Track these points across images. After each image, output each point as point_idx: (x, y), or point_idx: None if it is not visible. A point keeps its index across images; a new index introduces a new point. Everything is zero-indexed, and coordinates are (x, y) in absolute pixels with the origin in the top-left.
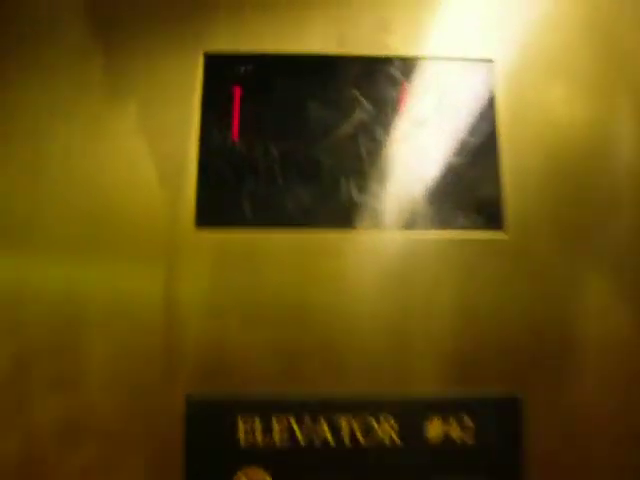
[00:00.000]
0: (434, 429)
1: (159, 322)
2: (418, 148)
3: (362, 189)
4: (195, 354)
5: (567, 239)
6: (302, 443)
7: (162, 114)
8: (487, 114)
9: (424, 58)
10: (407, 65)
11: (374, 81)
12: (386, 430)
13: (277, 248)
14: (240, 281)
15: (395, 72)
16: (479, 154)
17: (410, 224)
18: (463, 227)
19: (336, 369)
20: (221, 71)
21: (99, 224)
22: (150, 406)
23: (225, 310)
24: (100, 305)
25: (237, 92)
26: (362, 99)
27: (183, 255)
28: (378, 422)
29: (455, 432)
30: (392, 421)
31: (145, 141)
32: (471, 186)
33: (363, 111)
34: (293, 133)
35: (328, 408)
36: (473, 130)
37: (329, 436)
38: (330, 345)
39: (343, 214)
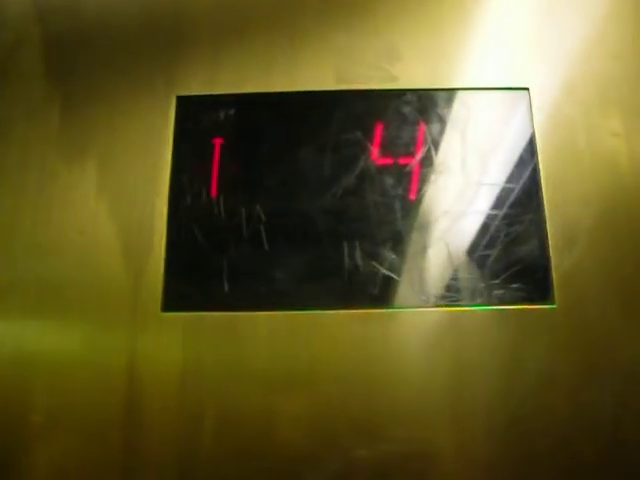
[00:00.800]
0: None
1: (118, 425)
2: (442, 202)
3: (371, 256)
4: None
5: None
6: None
7: (126, 172)
8: (526, 153)
9: (444, 90)
10: (423, 100)
11: (383, 120)
12: None
13: (262, 332)
14: (215, 380)
15: (409, 109)
16: (519, 205)
17: (437, 299)
18: (505, 301)
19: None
20: (197, 117)
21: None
22: None
23: (196, 412)
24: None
25: (216, 142)
26: (368, 144)
27: (147, 346)
28: None
29: None
30: None
31: (106, 206)
32: (512, 249)
33: (369, 159)
34: (284, 186)
35: None
36: (509, 176)
37: None
38: (334, 450)
39: (345, 290)
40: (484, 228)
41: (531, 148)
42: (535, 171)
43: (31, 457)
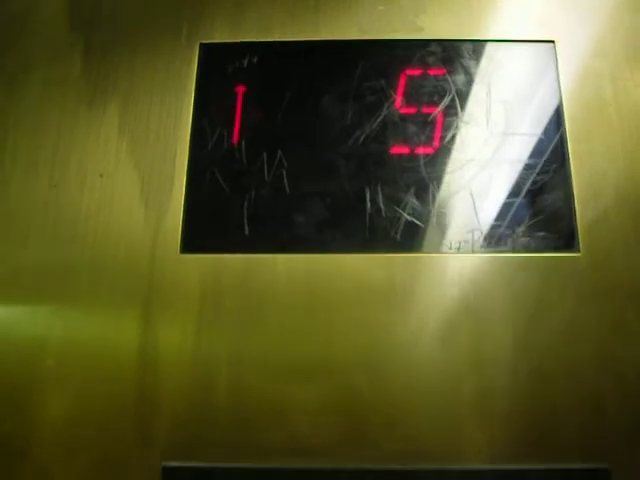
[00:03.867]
0: None
1: (130, 383)
2: (466, 150)
3: (393, 202)
4: (172, 417)
5: None
6: None
7: (147, 116)
8: (551, 106)
9: (469, 41)
10: (447, 50)
11: (407, 70)
12: None
13: (282, 275)
14: (231, 324)
15: (433, 59)
16: (544, 155)
17: (460, 245)
18: (529, 248)
19: (359, 435)
20: (220, 64)
21: (66, 249)
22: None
23: (212, 361)
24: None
25: (239, 89)
26: (392, 92)
27: (165, 286)
28: None
29: None
30: None
31: (127, 149)
32: (537, 198)
33: (393, 106)
34: (306, 132)
35: None
36: (534, 126)
37: None
38: (348, 403)
39: (367, 233)
40: (509, 177)
41: (557, 101)
42: (560, 123)
43: (43, 402)
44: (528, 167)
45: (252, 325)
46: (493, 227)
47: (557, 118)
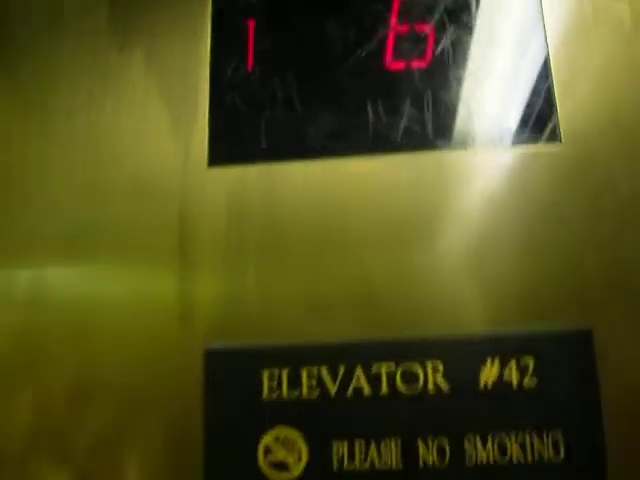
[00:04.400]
0: (489, 373)
1: (173, 267)
2: (458, 62)
3: (392, 111)
4: (213, 303)
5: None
6: (334, 395)
7: (171, 53)
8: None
9: None
10: None
11: None
12: (432, 377)
13: (298, 181)
14: (259, 220)
15: None
16: (527, 56)
17: (453, 143)
18: (516, 142)
19: (371, 311)
20: (232, 1)
21: (107, 171)
22: (167, 362)
23: (243, 251)
24: (112, 253)
25: (250, 22)
26: (387, 14)
27: (196, 197)
28: (422, 368)
29: (514, 375)
30: (440, 366)
31: (155, 85)
32: (521, 95)
33: (389, 27)
34: (312, 56)
35: (364, 355)
36: (517, 30)
37: (365, 386)
38: (361, 283)
39: (371, 138)
40: (497, 81)
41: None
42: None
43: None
44: (510, 72)
45: (274, 225)
46: (481, 125)
47: (539, 28)
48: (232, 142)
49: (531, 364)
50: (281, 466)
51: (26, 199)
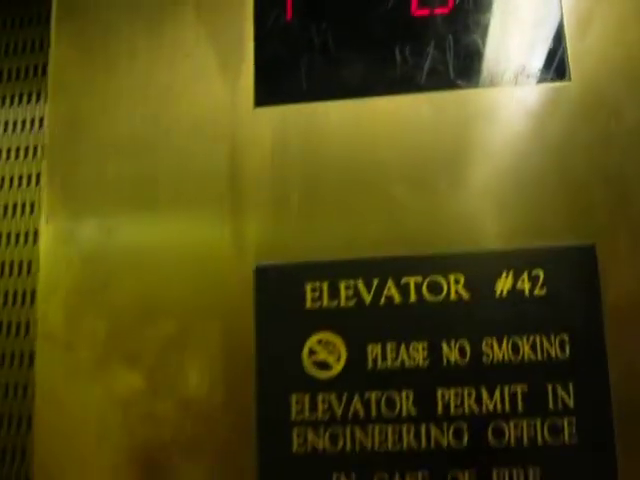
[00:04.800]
0: (504, 283)
1: (226, 197)
2: (476, 4)
3: (417, 54)
4: (261, 228)
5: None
6: (369, 304)
7: (218, 7)
8: None
9: None
10: None
11: None
12: (454, 287)
13: (338, 120)
14: (302, 155)
15: None
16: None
17: (473, 82)
18: (531, 81)
19: (400, 231)
20: None
21: (160, 117)
22: (222, 279)
23: (287, 182)
24: (169, 186)
25: None
26: None
27: (245, 133)
28: (446, 280)
29: (526, 286)
30: (460, 278)
31: (205, 32)
32: (534, 36)
33: None
34: (344, 5)
35: (395, 269)
36: None
37: (396, 295)
38: (391, 208)
39: (400, 79)
40: (509, 22)
41: None
42: None
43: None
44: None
45: (313, 158)
46: (493, 63)
47: None
48: (275, 84)
49: (541, 275)
50: (323, 365)
51: (95, 143)
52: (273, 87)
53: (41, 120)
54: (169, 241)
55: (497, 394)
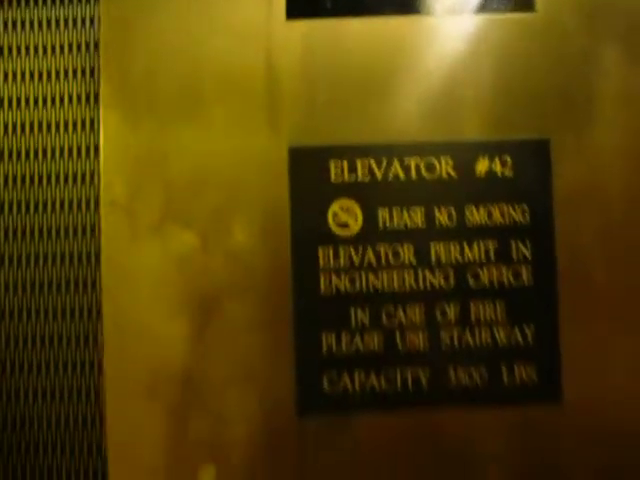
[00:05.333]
0: (482, 166)
1: (263, 92)
2: None
3: None
4: (294, 115)
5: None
6: (380, 179)
7: None
8: None
9: None
10: None
11: None
12: (445, 167)
13: (356, 33)
14: (326, 60)
15: None
16: None
17: (454, 10)
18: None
19: (406, 122)
20: None
21: (202, 23)
22: (262, 157)
23: (314, 85)
24: (214, 79)
25: None
26: None
27: (278, 41)
28: (438, 162)
29: (498, 168)
30: (450, 161)
31: None
32: None
33: None
34: None
35: (400, 152)
36: None
37: (401, 173)
38: (399, 103)
39: (406, 3)
40: None
41: None
42: None
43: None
44: None
45: (336, 65)
46: None
47: None
48: (304, 1)
49: (509, 161)
50: (344, 225)
51: (145, 41)
52: (303, 3)
53: (92, 19)
54: (216, 127)
55: (475, 248)
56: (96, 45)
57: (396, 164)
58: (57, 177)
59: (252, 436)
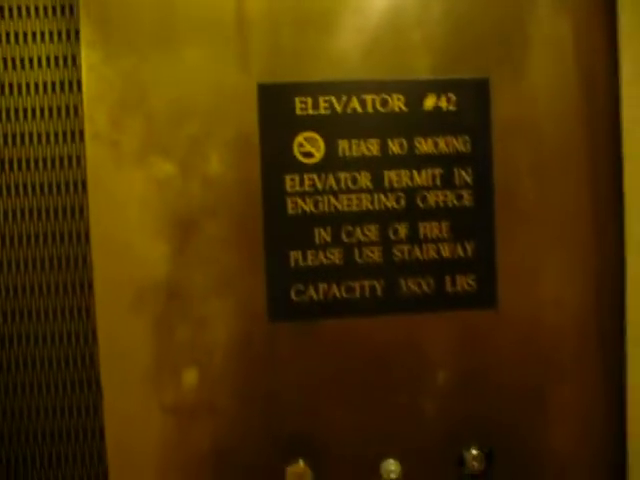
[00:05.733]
0: (429, 102)
1: (234, 35)
2: None
3: None
4: (262, 55)
5: None
6: (340, 113)
7: None
8: None
9: None
10: None
11: None
12: (397, 103)
13: None
14: (292, 3)
15: None
16: None
17: None
18: None
19: (361, 62)
20: None
21: None
22: (233, 92)
23: (282, 23)
24: (190, 22)
25: None
26: None
27: None
28: (391, 98)
29: (444, 104)
30: (401, 97)
31: None
32: None
33: None
34: None
35: (357, 89)
36: None
37: (358, 107)
38: (359, 43)
39: None
40: None
41: None
42: None
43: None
44: None
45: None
46: None
47: None
48: None
49: (453, 97)
50: (308, 155)
51: None
52: None
53: None
54: (191, 64)
55: (423, 174)
56: None
57: (354, 100)
58: (42, 111)
59: (229, 340)
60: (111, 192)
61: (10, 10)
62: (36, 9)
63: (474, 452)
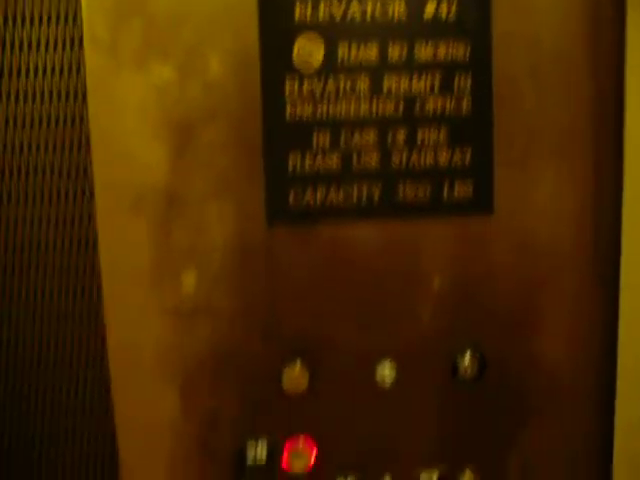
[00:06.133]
0: (430, 7)
1: None
2: None
3: None
4: None
5: None
6: (339, 18)
7: None
8: None
9: None
10: None
11: None
12: (397, 8)
13: None
14: None
15: None
16: None
17: None
18: None
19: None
20: None
21: None
22: None
23: None
24: None
25: None
26: None
27: None
28: (393, 2)
29: (444, 10)
30: (402, 3)
31: None
32: None
33: None
34: None
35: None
36: None
37: (358, 13)
38: None
39: None
40: None
41: None
42: None
43: None
44: None
45: None
46: None
47: None
48: None
49: (454, 2)
50: (308, 60)
51: None
52: None
53: None
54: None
55: (422, 80)
56: None
57: (355, 4)
58: (40, 18)
59: (228, 244)
60: (110, 98)
61: None
62: None
63: (467, 359)
